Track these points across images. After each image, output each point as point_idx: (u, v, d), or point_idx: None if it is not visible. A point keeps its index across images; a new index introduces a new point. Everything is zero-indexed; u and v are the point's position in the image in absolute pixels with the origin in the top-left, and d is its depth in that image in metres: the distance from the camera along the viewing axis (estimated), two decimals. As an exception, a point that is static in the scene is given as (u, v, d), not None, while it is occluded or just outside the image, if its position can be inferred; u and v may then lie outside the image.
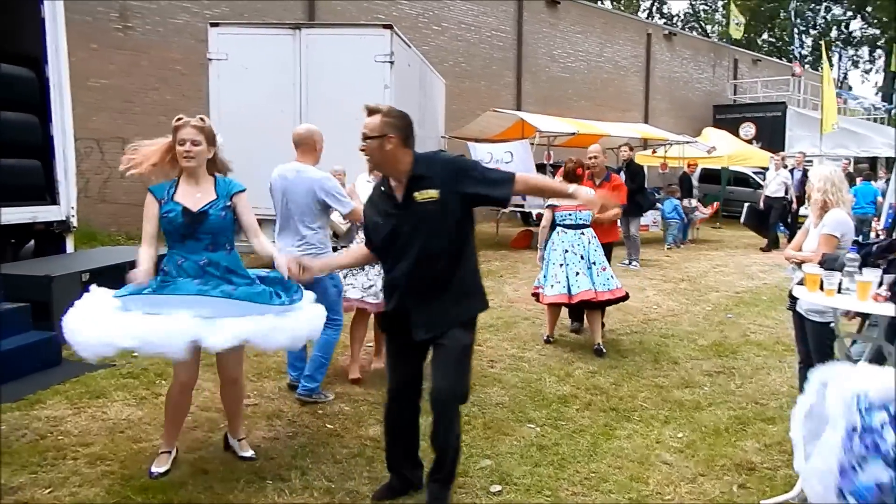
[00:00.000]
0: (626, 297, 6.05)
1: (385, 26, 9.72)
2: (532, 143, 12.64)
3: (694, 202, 15.01)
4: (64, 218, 6.67)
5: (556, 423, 4.25)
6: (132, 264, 6.31)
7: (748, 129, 23.68)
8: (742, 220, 14.16)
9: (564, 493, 3.36)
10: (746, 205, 14.38)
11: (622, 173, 11.27)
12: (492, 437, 4.00)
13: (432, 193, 2.92)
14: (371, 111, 3.04)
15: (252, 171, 4.69)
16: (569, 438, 4.03)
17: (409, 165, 2.98)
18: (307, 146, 4.46)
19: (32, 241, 6.57)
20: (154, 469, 3.40)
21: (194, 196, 3.40)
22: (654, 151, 17.12)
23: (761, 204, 13.86)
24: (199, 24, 11.91)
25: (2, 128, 6.23)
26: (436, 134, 12.52)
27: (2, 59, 6.45)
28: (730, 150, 18.50)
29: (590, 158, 6.70)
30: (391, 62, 9.57)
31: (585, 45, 22.59)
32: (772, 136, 23.00)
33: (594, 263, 5.85)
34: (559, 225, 5.96)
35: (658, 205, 13.95)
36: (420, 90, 11.30)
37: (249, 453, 3.64)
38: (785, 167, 14.33)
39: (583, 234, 5.92)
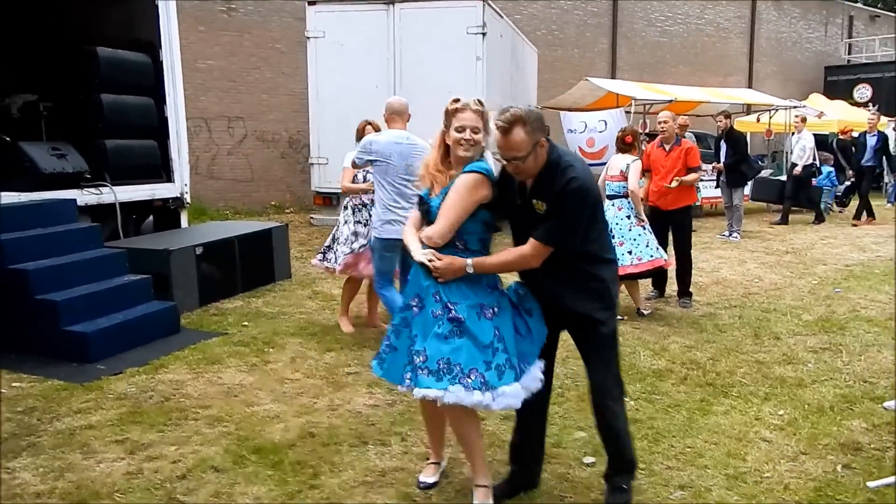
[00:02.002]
0: (661, 270, 6.07)
1: (477, -4, 9.70)
2: (628, 112, 12.35)
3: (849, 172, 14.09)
4: (178, 195, 7.13)
5: (651, 398, 4.25)
6: (241, 239, 6.77)
7: (863, 91, 22.20)
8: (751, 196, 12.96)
9: (659, 466, 3.38)
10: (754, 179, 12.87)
11: (722, 143, 10.88)
12: (585, 409, 4.04)
13: (542, 206, 2.73)
14: (509, 127, 2.64)
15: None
16: (664, 413, 4.02)
17: (542, 167, 2.74)
18: (403, 116, 4.77)
19: (151, 217, 7.04)
20: (422, 479, 3.16)
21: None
22: (758, 118, 16.35)
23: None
24: (297, 3, 12.21)
25: (124, 111, 6.71)
26: (528, 103, 12.44)
27: (122, 45, 6.92)
28: (839, 116, 17.44)
29: (659, 124, 6.65)
30: (483, 34, 9.55)
31: (685, 7, 21.68)
32: (891, 97, 21.47)
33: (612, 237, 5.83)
34: None
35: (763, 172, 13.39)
36: (512, 61, 11.23)
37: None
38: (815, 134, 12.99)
39: (612, 205, 5.92)
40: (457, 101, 2.87)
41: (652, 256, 5.90)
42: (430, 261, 2.72)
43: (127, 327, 5.07)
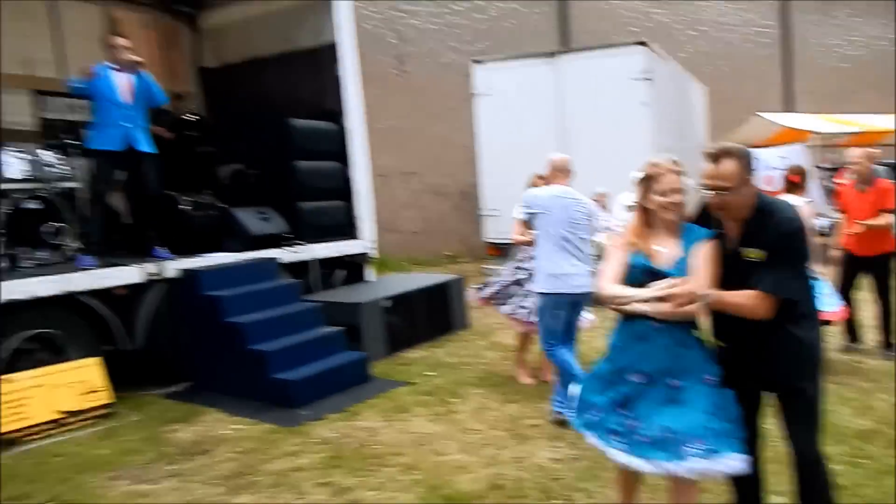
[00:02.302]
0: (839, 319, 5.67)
1: (638, 43, 9.70)
2: (809, 147, 11.65)
3: None
4: (365, 251, 7.69)
5: (857, 462, 3.96)
6: (422, 291, 7.15)
7: None
8: None
9: (870, 539, 3.16)
10: None
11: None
12: (780, 473, 3.85)
13: (759, 254, 2.62)
14: (719, 155, 2.62)
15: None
16: (873, 479, 3.74)
17: (750, 209, 2.66)
18: (565, 172, 4.84)
19: (341, 271, 7.63)
20: None
21: (661, 247, 2.80)
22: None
23: None
24: (463, 61, 12.81)
25: (316, 176, 7.40)
26: (697, 144, 12.11)
27: (314, 116, 7.66)
28: None
29: (853, 164, 6.16)
30: (648, 79, 9.51)
31: (865, 28, 20.16)
32: None
33: None
34: None
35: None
36: (679, 102, 11.05)
37: None
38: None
39: None
40: (655, 164, 2.82)
41: (828, 307, 5.49)
42: (668, 288, 2.55)
43: (325, 376, 5.52)
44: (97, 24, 8.10)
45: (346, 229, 7.61)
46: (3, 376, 4.77)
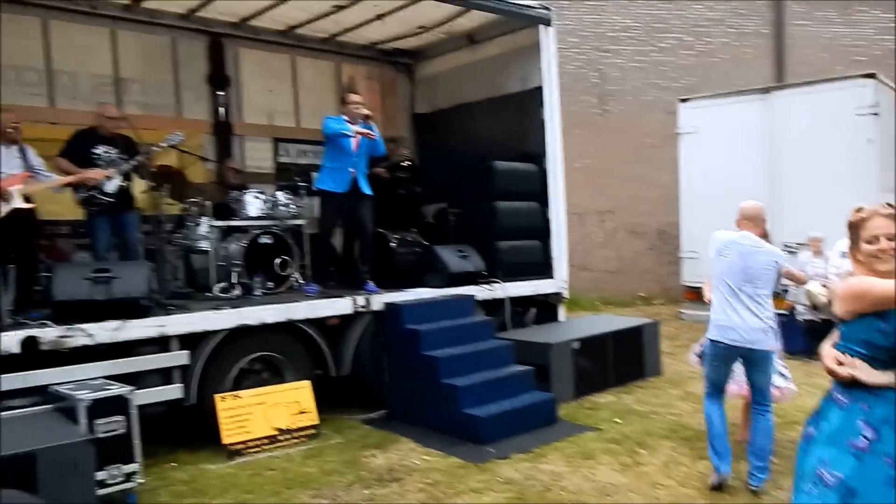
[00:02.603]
0: None
1: (867, 75, 8.94)
2: None
3: None
4: (558, 290, 7.77)
5: None
6: (614, 334, 7.07)
7: None
8: None
9: None
10: None
11: None
12: None
13: None
14: None
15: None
16: None
17: None
18: (755, 221, 4.51)
19: (533, 310, 7.77)
20: None
21: None
22: None
23: None
24: (667, 99, 12.54)
25: (515, 216, 7.66)
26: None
27: (515, 158, 7.95)
28: None
29: None
30: (875, 114, 8.72)
31: None
32: None
33: None
34: None
35: None
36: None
37: None
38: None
39: None
40: (859, 210, 2.60)
41: None
42: None
43: (513, 414, 5.65)
44: (328, 78, 9.08)
45: (541, 268, 7.76)
46: (232, 392, 5.45)
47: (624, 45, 14.10)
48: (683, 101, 10.68)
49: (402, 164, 7.98)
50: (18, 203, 5.49)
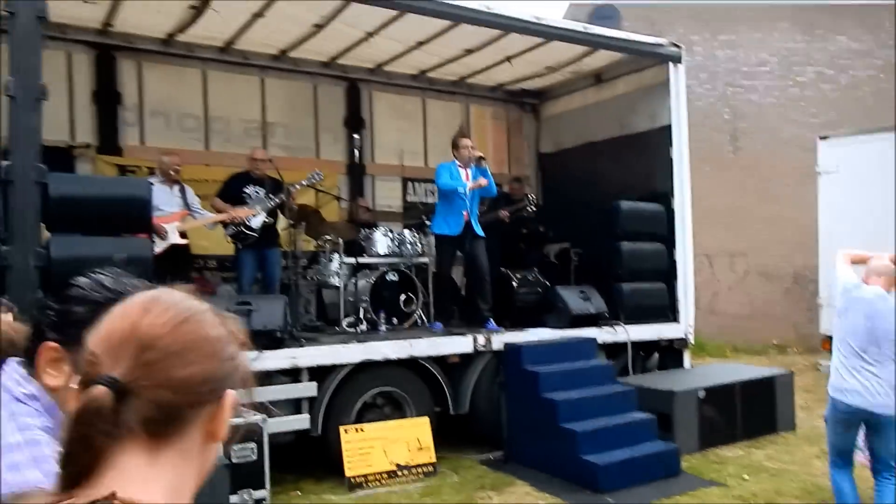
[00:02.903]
0: None
1: None
2: None
3: None
4: (683, 335, 7.53)
5: None
6: (743, 385, 6.75)
7: None
8: None
9: None
10: None
11: None
12: None
13: None
14: None
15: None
16: None
17: None
18: (888, 280, 4.18)
19: (656, 355, 7.57)
20: None
21: None
22: None
23: None
24: (806, 135, 11.94)
25: (639, 257, 7.51)
26: None
27: (641, 197, 7.83)
28: None
29: None
30: None
31: None
32: None
33: None
34: None
35: None
36: None
37: None
38: None
39: None
40: None
41: None
42: None
43: (633, 463, 5.52)
44: (456, 118, 9.38)
45: (665, 312, 7.56)
46: (355, 425, 5.67)
47: (759, 79, 13.60)
48: (823, 138, 10.14)
49: (527, 207, 8.03)
50: (175, 239, 6.05)
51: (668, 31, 12.64)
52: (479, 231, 6.82)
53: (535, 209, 8.06)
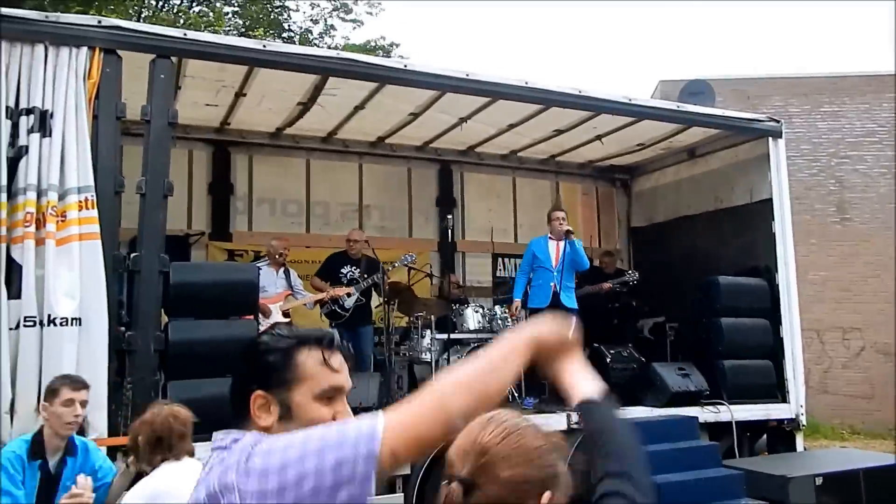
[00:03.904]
0: None
1: None
2: None
3: None
4: (793, 416, 7.07)
5: None
6: (866, 472, 6.27)
7: None
8: None
9: None
10: None
11: None
12: None
13: None
14: None
15: None
16: None
17: None
18: None
19: (765, 436, 7.14)
20: None
21: None
22: None
23: None
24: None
25: (741, 333, 7.20)
26: None
27: (741, 273, 7.59)
28: None
29: None
30: None
31: None
32: None
33: None
34: None
35: None
36: None
37: None
38: None
39: None
40: None
41: None
42: None
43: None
44: (545, 195, 9.50)
45: (772, 390, 7.14)
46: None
47: (866, 150, 13.08)
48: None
49: (630, 281, 7.92)
50: (278, 318, 6.35)
51: (764, 104, 12.49)
52: (570, 303, 6.79)
53: (637, 281, 7.91)
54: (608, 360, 7.37)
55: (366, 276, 6.85)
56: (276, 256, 6.70)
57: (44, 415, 3.16)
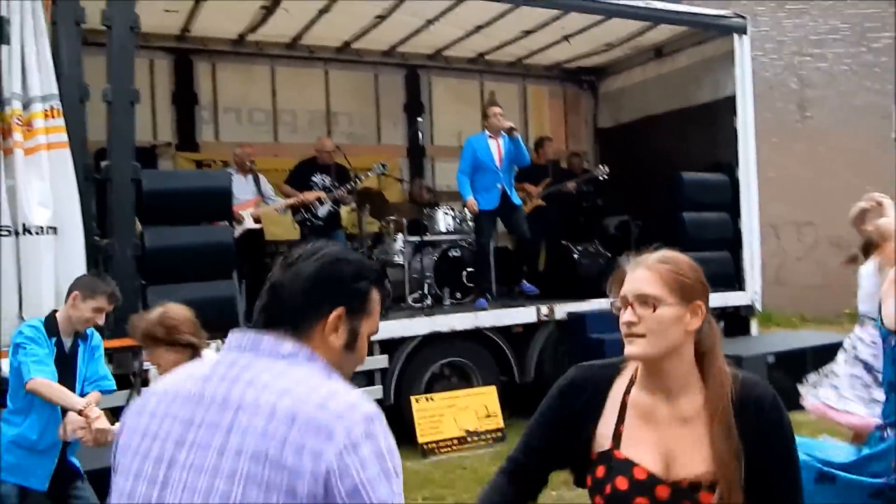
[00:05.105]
0: None
1: None
2: None
3: None
4: (749, 303, 7.48)
5: None
6: (814, 350, 6.69)
7: None
8: None
9: None
10: None
11: None
12: None
13: None
14: None
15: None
16: None
17: None
18: None
19: (722, 323, 7.54)
20: None
21: None
22: None
23: None
24: (881, 102, 11.55)
25: (703, 227, 7.47)
26: None
27: (704, 168, 7.80)
28: None
29: None
30: None
31: None
32: None
33: None
34: None
35: None
36: None
37: None
38: None
39: None
40: None
41: None
42: None
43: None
44: (513, 99, 9.50)
45: (730, 280, 7.51)
46: (425, 395, 5.91)
47: (830, 48, 13.15)
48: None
49: (599, 176, 8.07)
50: (250, 224, 6.43)
51: (732, 2, 12.40)
52: (517, 200, 6.94)
53: (607, 175, 8.04)
54: (575, 255, 7.64)
55: (337, 184, 6.92)
56: (245, 163, 6.71)
57: (70, 303, 3.22)
